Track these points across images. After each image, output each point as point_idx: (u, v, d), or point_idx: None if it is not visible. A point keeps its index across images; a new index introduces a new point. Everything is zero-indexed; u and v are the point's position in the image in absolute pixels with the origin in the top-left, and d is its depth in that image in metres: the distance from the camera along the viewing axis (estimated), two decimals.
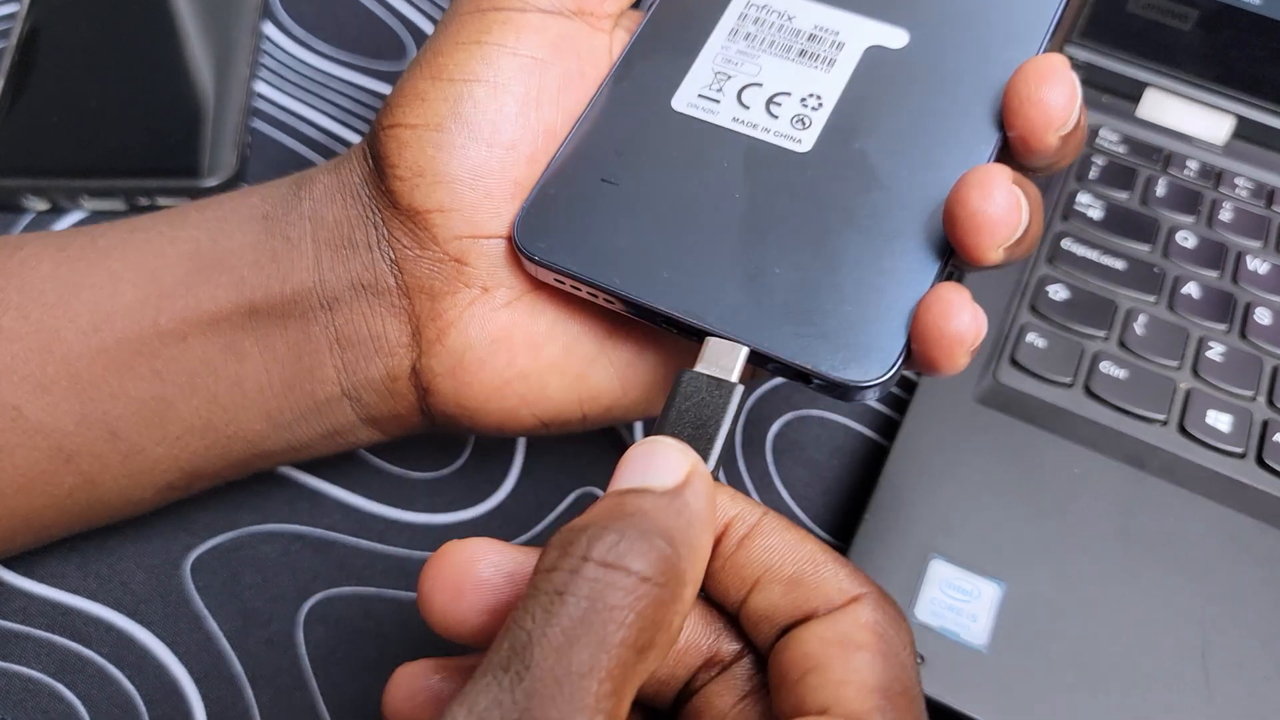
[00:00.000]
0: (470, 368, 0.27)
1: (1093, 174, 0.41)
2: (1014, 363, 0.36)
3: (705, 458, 0.23)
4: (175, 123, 0.40)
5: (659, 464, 0.21)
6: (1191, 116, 0.42)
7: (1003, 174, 0.23)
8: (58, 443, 0.27)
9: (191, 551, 0.33)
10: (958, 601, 0.31)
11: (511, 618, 0.18)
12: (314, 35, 0.45)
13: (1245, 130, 0.42)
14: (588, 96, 0.28)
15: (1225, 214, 0.40)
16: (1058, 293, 0.37)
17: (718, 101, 0.27)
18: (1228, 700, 0.30)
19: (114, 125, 0.40)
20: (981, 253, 0.24)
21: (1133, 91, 0.43)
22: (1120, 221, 0.39)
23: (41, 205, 0.39)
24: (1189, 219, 0.40)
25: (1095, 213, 0.39)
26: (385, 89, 0.43)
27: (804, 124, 0.27)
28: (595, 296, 0.26)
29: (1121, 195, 0.40)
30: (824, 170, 0.26)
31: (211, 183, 0.39)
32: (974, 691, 0.29)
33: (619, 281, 0.25)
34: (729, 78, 0.27)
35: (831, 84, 0.27)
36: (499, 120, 0.26)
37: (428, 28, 0.45)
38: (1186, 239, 0.39)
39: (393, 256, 0.27)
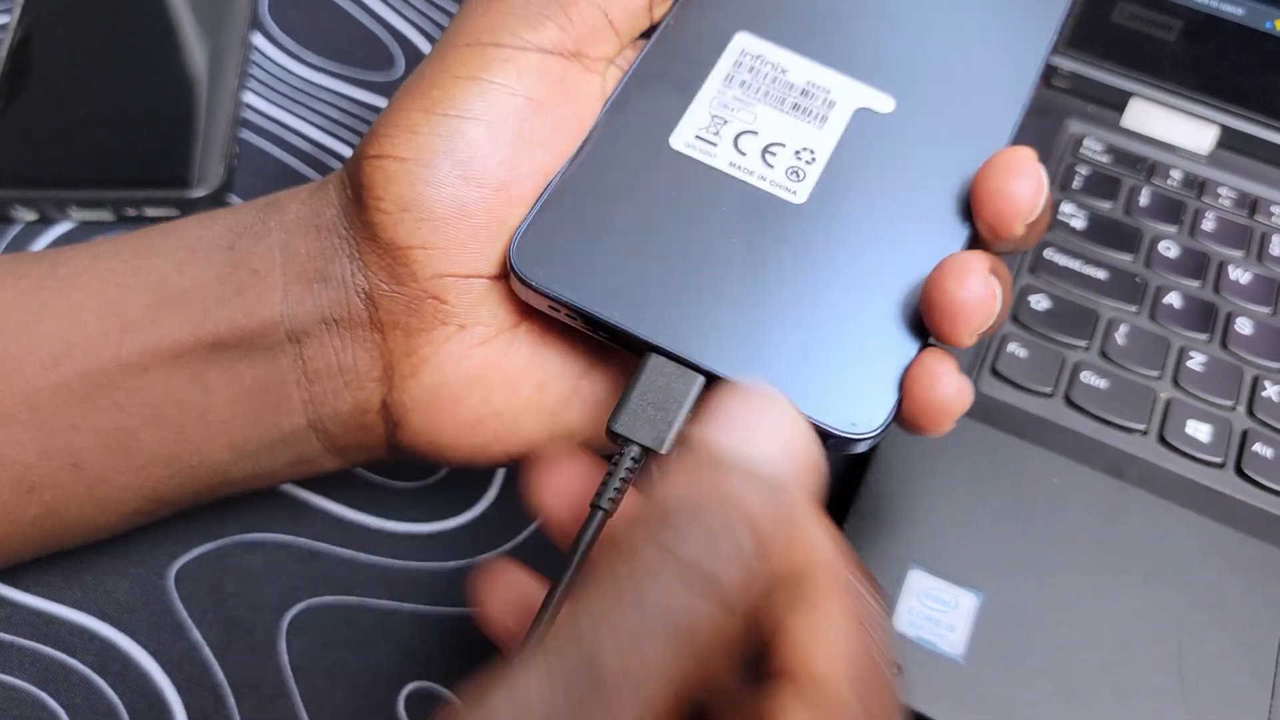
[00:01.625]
0: (444, 405, 0.27)
1: (1076, 183, 0.41)
2: (995, 373, 0.36)
3: (662, 441, 0.24)
4: (163, 133, 0.40)
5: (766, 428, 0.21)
6: (1176, 126, 0.42)
7: (980, 262, 0.24)
8: (19, 474, 0.27)
9: (175, 561, 0.33)
10: (936, 611, 0.31)
11: (580, 604, 0.17)
12: (303, 46, 0.45)
13: (1229, 140, 0.42)
14: (580, 138, 0.28)
15: (1208, 224, 0.40)
16: (1039, 302, 0.37)
17: (715, 145, 0.27)
18: (1204, 709, 0.30)
19: (102, 136, 0.40)
20: (956, 338, 0.25)
21: (1117, 101, 0.43)
22: (1103, 231, 0.39)
23: (30, 216, 0.39)
24: (1172, 229, 0.40)
25: (1078, 222, 0.40)
26: (374, 100, 0.44)
27: (799, 176, 0.27)
28: (588, 328, 0.26)
29: (1105, 205, 0.40)
30: (818, 224, 0.27)
31: (200, 193, 0.39)
32: (951, 701, 0.30)
33: (618, 315, 0.25)
34: (725, 122, 0.28)
35: (824, 141, 0.28)
36: (492, 161, 0.26)
37: (417, 39, 0.45)
38: (1169, 249, 0.39)
39: (367, 291, 0.26)
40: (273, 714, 0.31)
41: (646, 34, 0.30)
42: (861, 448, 0.25)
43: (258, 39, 0.45)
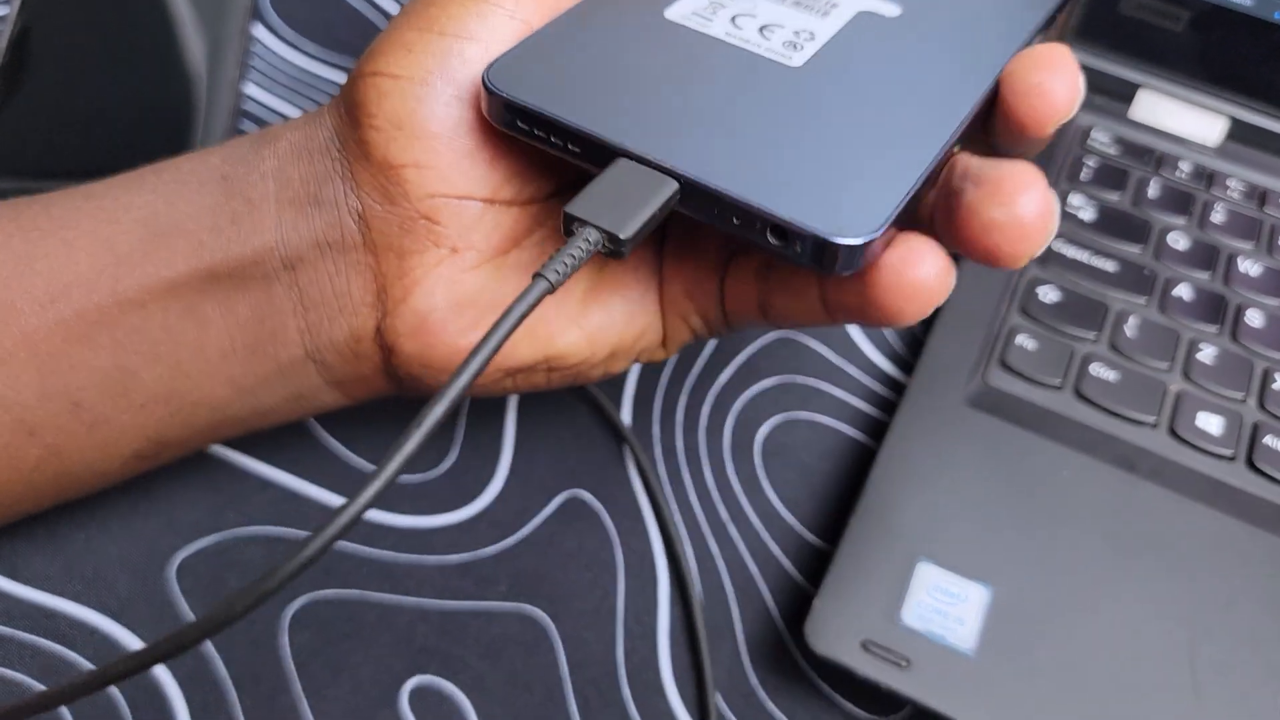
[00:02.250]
0: (434, 329, 0.26)
1: (1084, 175, 0.40)
2: (1004, 365, 0.36)
3: (622, 225, 0.22)
4: (164, 124, 0.40)
5: None
6: (1184, 118, 0.42)
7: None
8: (19, 416, 0.26)
9: (176, 554, 0.33)
10: (945, 605, 0.31)
11: None
12: (303, 37, 0.45)
13: (1238, 131, 0.42)
14: None
15: (1217, 215, 0.40)
16: (1048, 294, 0.37)
17: (710, 20, 0.27)
18: (1216, 704, 0.30)
19: (102, 127, 0.40)
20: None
21: (1125, 92, 0.43)
22: (1112, 223, 0.39)
23: None
24: (1181, 220, 0.39)
25: (1087, 214, 0.39)
26: None
27: (796, 48, 0.26)
28: (559, 149, 0.25)
29: (1113, 196, 0.40)
30: (815, 82, 0.26)
31: None
32: (961, 695, 0.29)
33: (587, 122, 0.24)
34: (723, 6, 0.27)
35: (823, 28, 0.27)
36: None
37: None
38: (1178, 240, 0.39)
39: (360, 212, 0.26)
40: (274, 708, 0.31)
41: None
42: (845, 263, 0.22)
43: (258, 30, 0.44)
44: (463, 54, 0.25)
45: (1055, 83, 0.25)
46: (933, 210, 0.25)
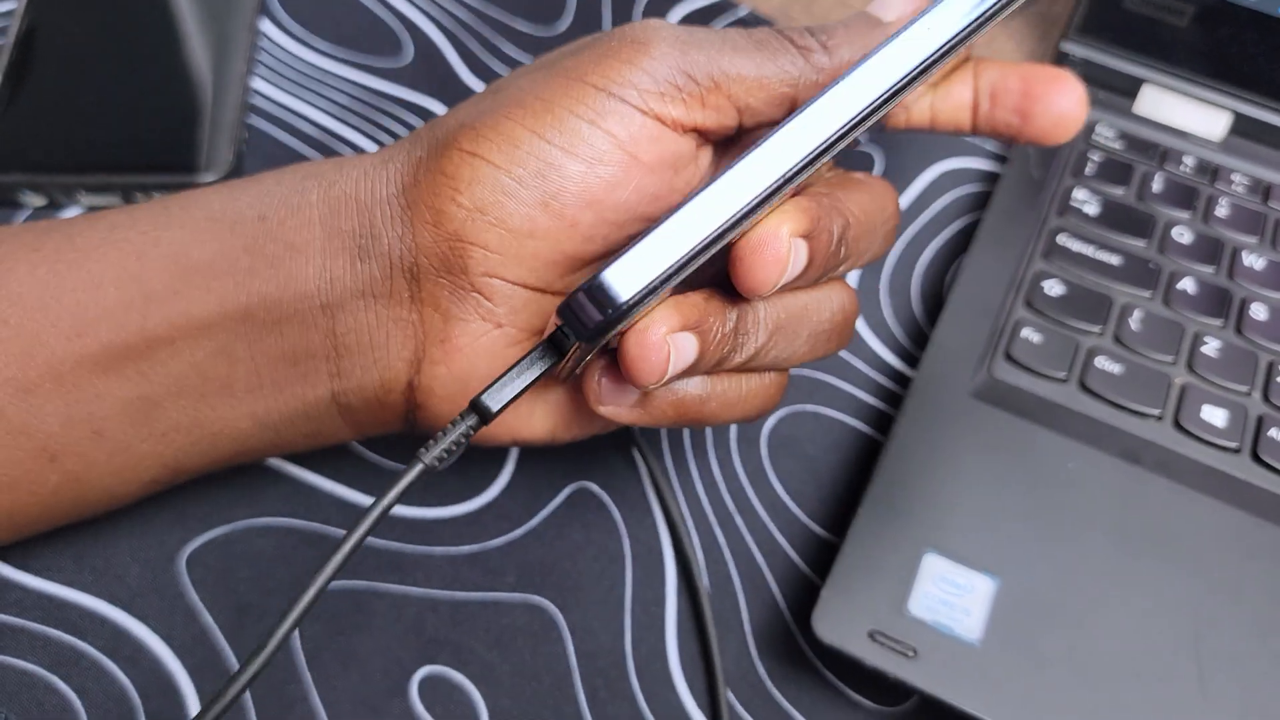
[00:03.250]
0: (469, 394, 0.27)
1: (1089, 170, 0.41)
2: (1009, 358, 0.36)
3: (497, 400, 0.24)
4: (172, 119, 0.40)
5: None
6: (1188, 112, 0.42)
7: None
8: (41, 443, 0.27)
9: (187, 545, 0.33)
10: (951, 596, 0.31)
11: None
12: (312, 32, 0.45)
13: (1241, 126, 0.42)
14: (661, 211, 0.27)
15: (1221, 210, 0.40)
16: (1053, 288, 0.37)
17: None
18: (1221, 694, 0.30)
19: (111, 122, 0.40)
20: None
21: (1129, 88, 0.43)
22: (1116, 217, 0.39)
23: (39, 201, 0.39)
24: (1185, 214, 0.40)
25: (1091, 208, 0.39)
26: (382, 86, 0.43)
27: None
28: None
29: (1118, 191, 0.40)
30: None
31: (209, 179, 0.39)
32: (967, 685, 0.29)
33: None
34: None
35: None
36: (578, 200, 0.26)
37: (425, 25, 0.45)
38: (1183, 234, 0.39)
39: (414, 272, 0.26)
40: (284, 698, 0.31)
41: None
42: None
43: (266, 25, 0.45)
44: (564, 168, 0.25)
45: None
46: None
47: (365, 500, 0.34)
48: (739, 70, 0.26)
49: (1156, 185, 0.40)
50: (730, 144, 0.29)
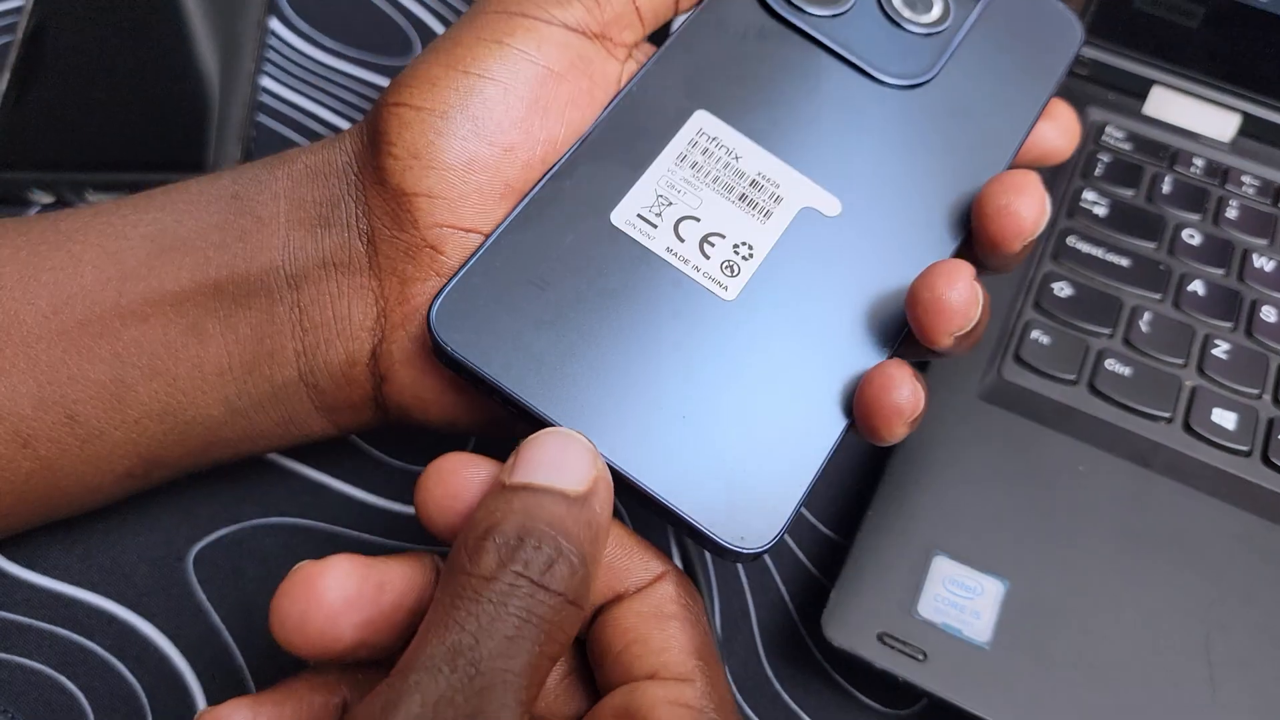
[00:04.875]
0: (430, 359, 0.27)
1: (1098, 171, 0.40)
2: (1018, 359, 0.36)
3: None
4: (180, 117, 0.40)
5: (569, 465, 0.23)
6: (1198, 114, 0.42)
7: (967, 269, 0.26)
8: (14, 426, 0.27)
9: (194, 544, 0.33)
10: (961, 598, 0.31)
11: (450, 615, 0.21)
12: (320, 31, 0.45)
13: (1252, 128, 0.42)
14: (593, 116, 0.28)
15: (1231, 212, 0.40)
16: (1062, 289, 0.37)
17: (655, 226, 0.27)
18: (1232, 698, 0.30)
19: (119, 119, 0.40)
20: (935, 335, 0.26)
21: (1139, 89, 0.43)
22: (1126, 219, 0.39)
23: (46, 199, 0.39)
24: (1195, 216, 0.39)
25: (1100, 210, 0.39)
26: None
27: (733, 271, 0.27)
28: (498, 400, 0.26)
29: (1127, 192, 0.40)
30: (743, 325, 0.27)
31: None
32: (977, 688, 0.29)
33: (524, 392, 0.25)
34: (670, 204, 0.28)
35: (764, 236, 0.28)
36: (504, 121, 0.27)
37: (434, 24, 0.45)
38: (1192, 236, 0.39)
39: (369, 235, 0.27)
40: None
41: (663, 31, 0.30)
42: (748, 559, 0.25)
43: (275, 24, 0.45)
44: (483, 92, 0.26)
45: (1022, 205, 0.27)
46: None
47: (373, 499, 0.34)
48: None
49: (1166, 187, 0.40)
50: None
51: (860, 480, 0.35)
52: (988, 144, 0.30)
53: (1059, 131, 0.31)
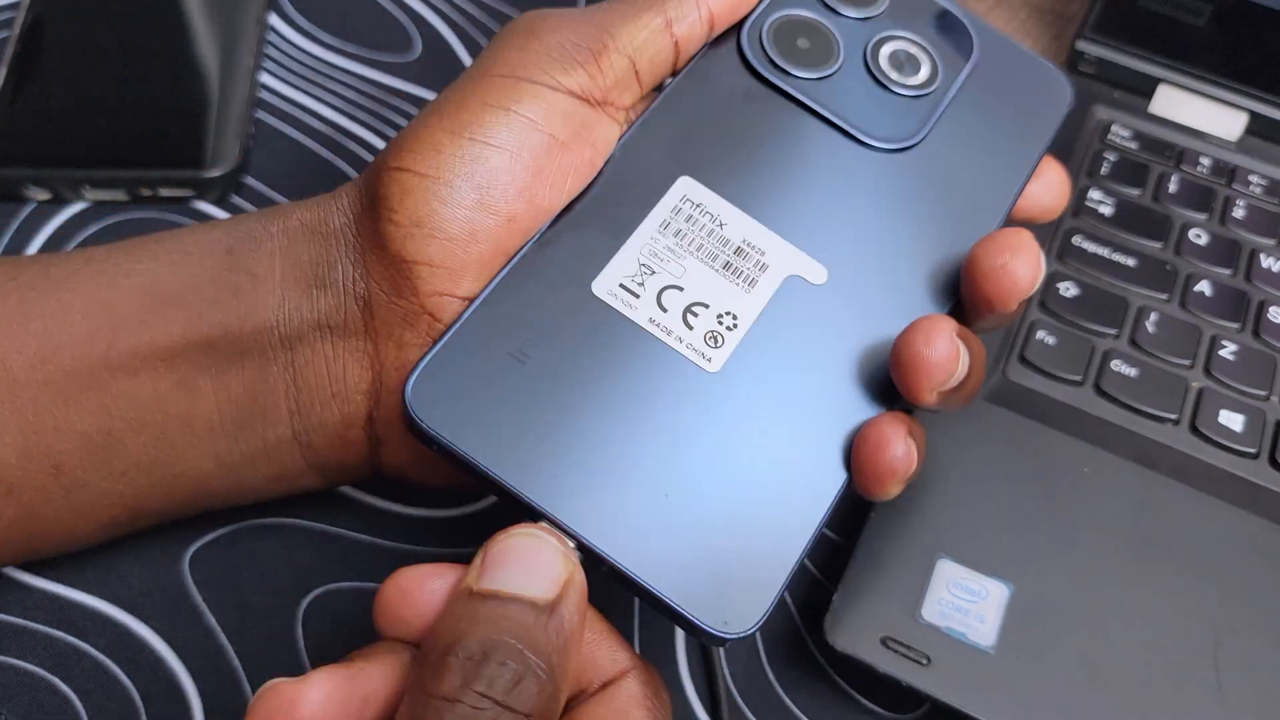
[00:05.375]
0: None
1: (1104, 170, 0.40)
2: (1023, 360, 0.35)
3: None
4: (179, 113, 0.40)
5: (538, 569, 0.22)
6: (1204, 113, 0.42)
7: (947, 324, 0.25)
8: None
9: (190, 545, 0.32)
10: (965, 602, 0.31)
11: None
12: (319, 27, 0.44)
13: (1258, 127, 0.41)
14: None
15: (1238, 211, 0.39)
16: (1068, 290, 0.37)
17: (638, 296, 0.27)
18: (1240, 702, 0.29)
19: (117, 116, 0.40)
20: (918, 393, 0.25)
21: (1145, 87, 0.42)
22: (1132, 218, 0.39)
23: (43, 195, 0.39)
24: (1201, 216, 0.39)
25: (1106, 209, 0.39)
26: (391, 81, 0.43)
27: (716, 343, 0.26)
28: (476, 476, 0.25)
29: (1133, 192, 0.40)
30: (727, 396, 0.26)
31: (215, 173, 0.39)
32: (981, 693, 0.29)
33: (500, 471, 0.24)
34: (652, 273, 0.27)
35: (749, 306, 0.27)
36: (510, 190, 0.26)
37: (434, 20, 0.45)
38: (1199, 236, 0.38)
39: (366, 298, 0.26)
40: None
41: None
42: (728, 643, 0.24)
43: (274, 20, 0.44)
44: (488, 160, 0.26)
45: (1019, 264, 0.26)
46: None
47: (369, 500, 0.34)
48: (622, 25, 0.27)
49: (1173, 186, 0.40)
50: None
51: None
52: (977, 207, 0.29)
53: (1047, 190, 0.30)
